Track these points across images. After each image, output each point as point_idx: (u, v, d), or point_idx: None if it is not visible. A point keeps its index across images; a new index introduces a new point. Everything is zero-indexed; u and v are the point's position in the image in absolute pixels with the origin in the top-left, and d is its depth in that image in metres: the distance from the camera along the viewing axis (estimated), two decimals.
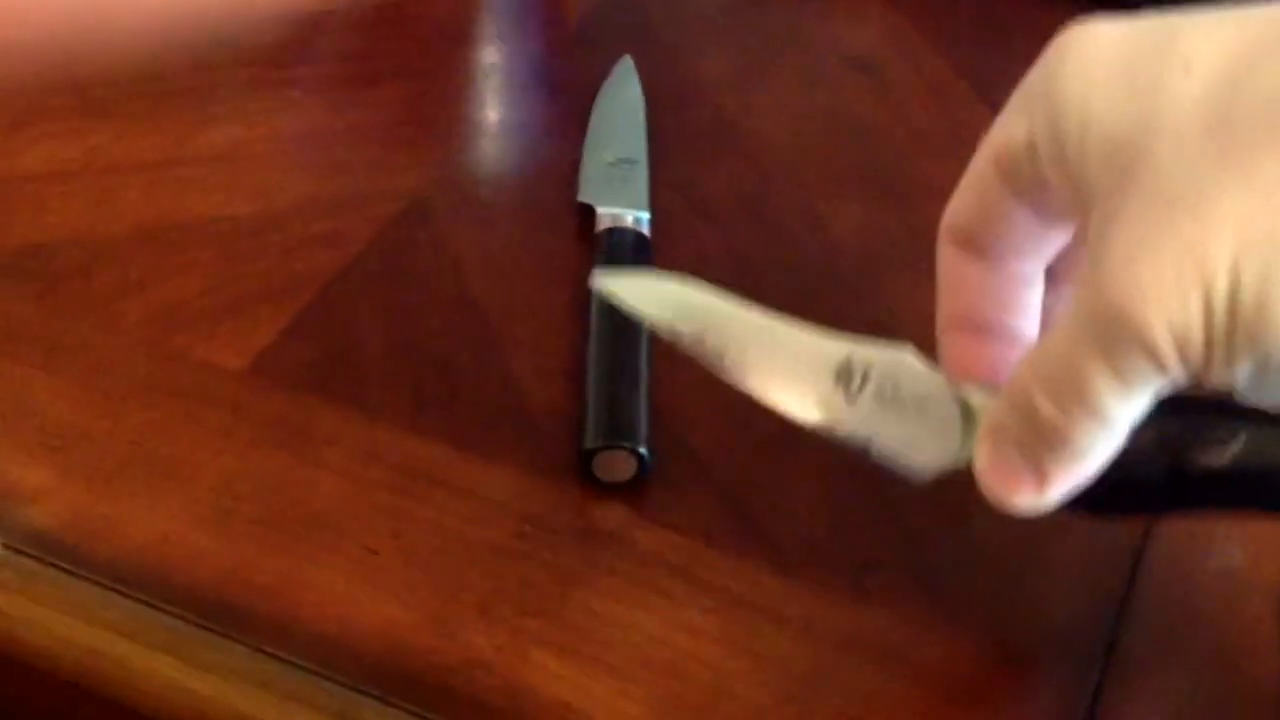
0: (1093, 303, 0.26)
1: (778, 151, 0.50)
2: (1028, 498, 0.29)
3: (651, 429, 0.37)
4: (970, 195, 0.30)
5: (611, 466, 0.36)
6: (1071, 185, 0.27)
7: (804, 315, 0.33)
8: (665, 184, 0.47)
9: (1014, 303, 0.31)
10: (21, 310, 0.40)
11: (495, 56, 0.54)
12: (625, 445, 0.36)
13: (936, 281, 0.32)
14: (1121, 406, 0.27)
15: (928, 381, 0.31)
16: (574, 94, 0.50)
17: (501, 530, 0.35)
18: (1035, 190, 0.29)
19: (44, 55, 0.49)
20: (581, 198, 0.45)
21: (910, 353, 0.32)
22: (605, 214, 0.44)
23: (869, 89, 0.53)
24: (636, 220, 0.44)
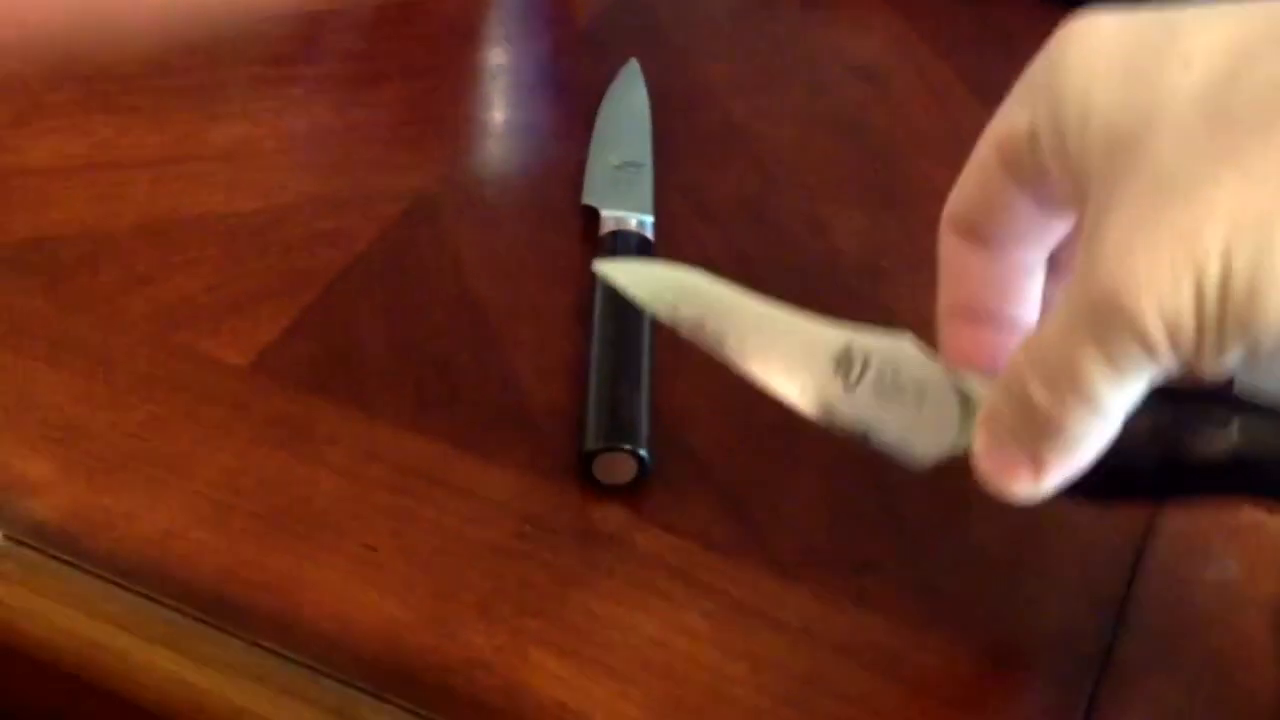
0: (1086, 290, 0.26)
1: (781, 156, 0.50)
2: (1024, 486, 0.29)
3: (652, 431, 0.37)
4: (972, 184, 0.30)
5: (612, 468, 0.36)
6: (1071, 176, 0.27)
7: None
8: (669, 187, 0.47)
9: (1014, 292, 0.31)
10: (26, 304, 0.40)
11: (502, 57, 0.54)
12: (626, 447, 0.36)
13: (938, 270, 0.32)
14: (1114, 393, 0.27)
15: (927, 370, 0.31)
16: (580, 96, 0.50)
17: (501, 530, 0.35)
18: (1036, 180, 0.29)
19: (51, 50, 0.50)
20: (586, 200, 0.45)
21: (909, 341, 0.32)
22: (609, 216, 0.44)
23: (873, 95, 0.54)
24: (640, 223, 0.44)
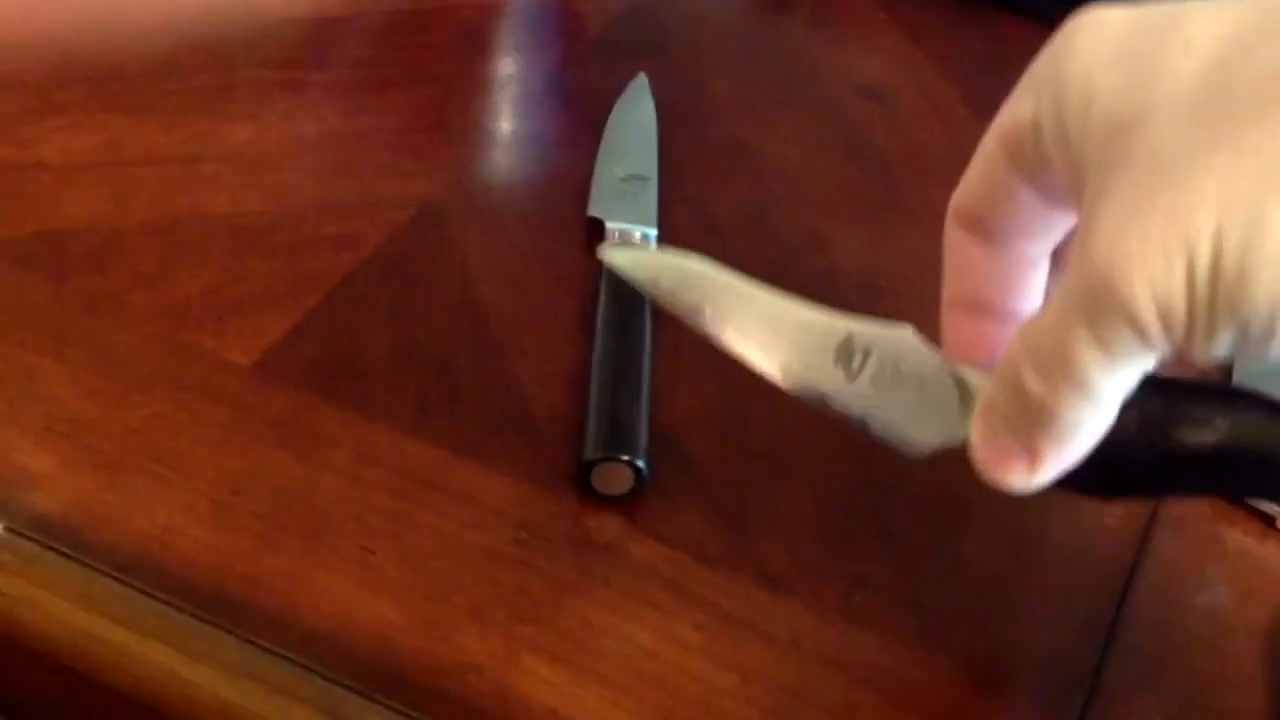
0: (1080, 275, 0.26)
1: (785, 172, 0.50)
2: (1019, 476, 0.29)
3: (650, 442, 0.37)
4: (977, 176, 0.31)
5: (609, 478, 0.37)
6: (1072, 164, 0.27)
7: None
8: (674, 200, 0.47)
9: (1017, 285, 0.31)
10: (34, 298, 0.40)
11: (511, 67, 0.54)
12: (624, 458, 0.36)
13: (943, 262, 0.32)
14: (1107, 380, 0.27)
15: (927, 361, 0.32)
16: (588, 107, 0.51)
17: (498, 536, 0.36)
18: (1039, 170, 0.29)
19: (67, 49, 0.50)
20: (591, 211, 0.46)
21: (911, 333, 0.32)
22: (614, 228, 0.45)
23: (877, 114, 0.54)
24: (644, 236, 0.45)
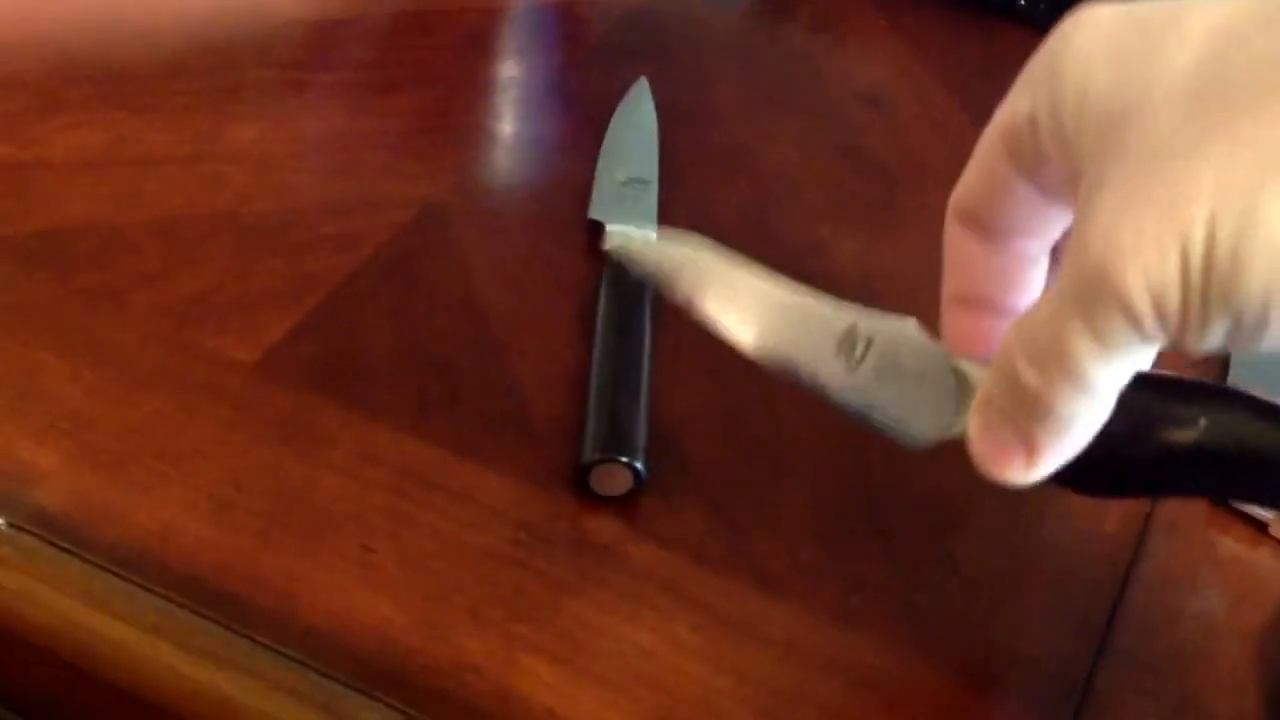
0: (1075, 267, 0.26)
1: (784, 176, 0.51)
2: (1017, 470, 0.29)
3: (648, 444, 0.38)
4: (976, 173, 0.31)
5: (608, 480, 0.37)
6: (1069, 159, 0.27)
7: None
8: (674, 203, 0.47)
9: (1016, 282, 0.32)
10: (38, 294, 0.40)
11: (514, 70, 0.54)
12: (622, 459, 0.37)
13: (943, 259, 0.32)
14: (1103, 371, 0.27)
15: (929, 353, 0.32)
16: (590, 111, 0.51)
17: (497, 536, 0.36)
18: (1037, 166, 0.29)
19: (73, 48, 0.50)
20: (592, 214, 0.46)
21: (913, 325, 0.32)
22: (614, 231, 0.45)
23: (877, 121, 0.54)
24: (645, 237, 0.45)
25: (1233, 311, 0.24)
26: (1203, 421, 0.29)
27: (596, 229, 0.45)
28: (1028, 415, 0.28)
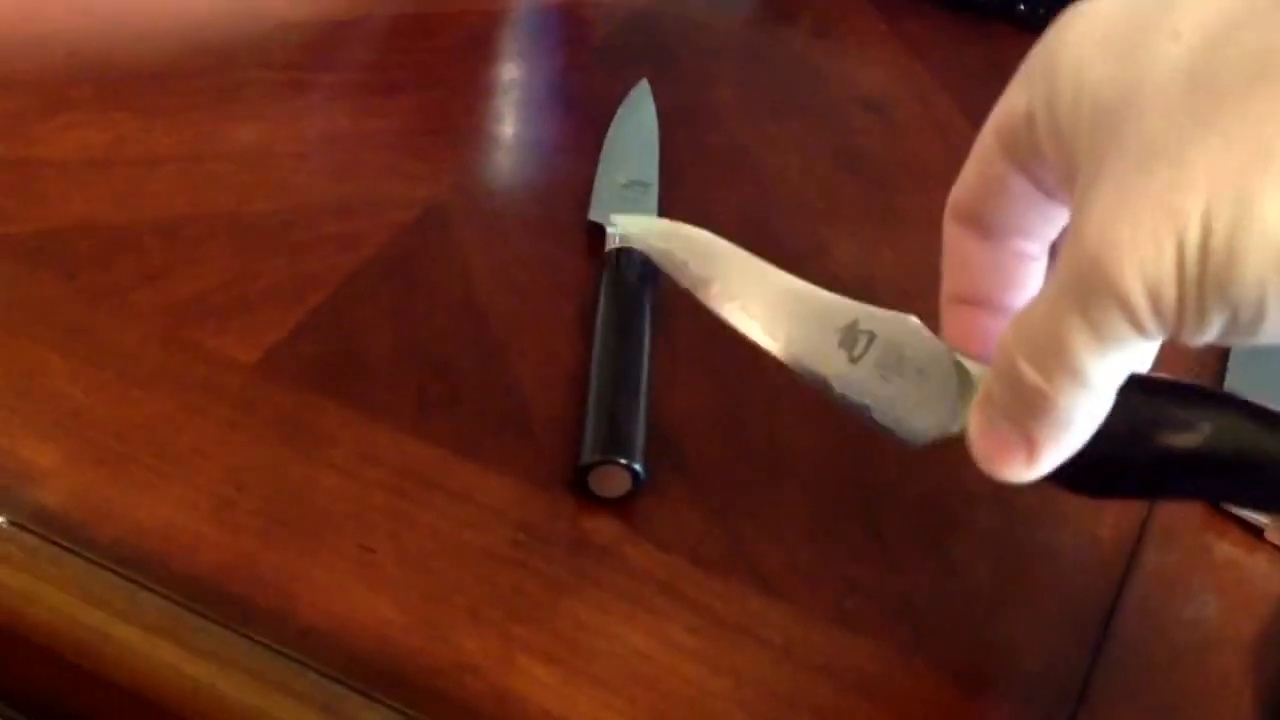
0: (1071, 262, 0.26)
1: (786, 181, 0.51)
2: (1018, 468, 0.29)
3: (647, 446, 0.38)
4: (974, 171, 0.31)
5: (606, 481, 0.37)
6: (1064, 154, 0.27)
7: None
8: (674, 205, 0.47)
9: (1015, 280, 0.32)
10: (42, 293, 0.40)
11: (515, 72, 0.54)
12: (621, 461, 0.37)
13: (942, 258, 0.32)
14: (1100, 366, 0.27)
15: (930, 349, 0.32)
16: (591, 113, 0.51)
17: (496, 537, 0.36)
18: (1033, 162, 0.29)
19: (79, 47, 0.50)
20: (592, 216, 0.46)
21: (915, 321, 0.32)
22: (614, 233, 0.45)
23: (877, 125, 0.54)
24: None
25: (1229, 304, 0.24)
26: (1204, 426, 0.29)
27: (597, 231, 0.46)
28: (1028, 412, 0.28)
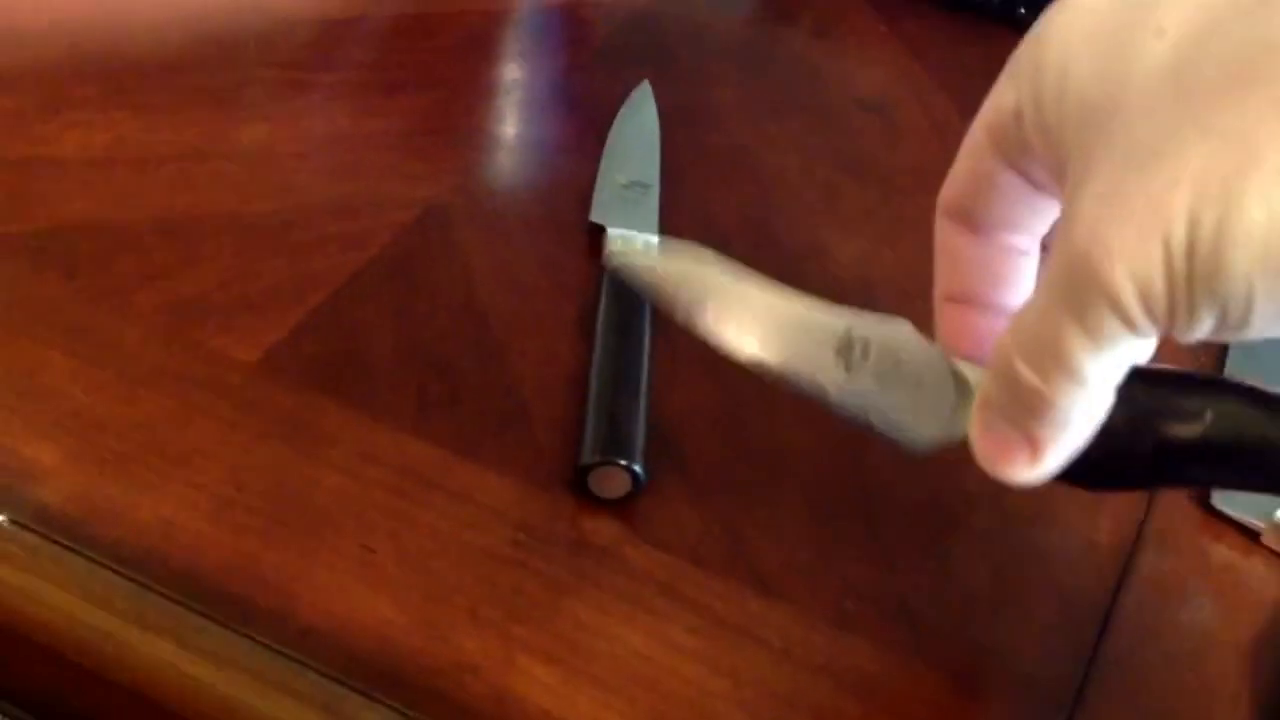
0: (1062, 263, 0.26)
1: (786, 181, 0.51)
2: (1022, 468, 0.29)
3: (647, 447, 0.38)
4: (964, 168, 0.31)
5: (606, 482, 0.37)
6: (1052, 150, 0.28)
7: None
8: (675, 206, 0.48)
9: (1007, 277, 0.32)
10: (43, 292, 0.40)
11: (517, 72, 0.55)
12: (621, 462, 0.37)
13: (934, 257, 0.32)
14: (1095, 366, 0.27)
15: (925, 355, 0.32)
16: (592, 114, 0.51)
17: (496, 537, 0.36)
18: (1022, 157, 0.29)
19: (80, 45, 0.50)
20: (593, 217, 0.46)
21: (908, 327, 0.32)
22: (615, 234, 0.45)
23: (876, 125, 0.55)
24: (645, 243, 0.45)
25: (1218, 301, 0.24)
26: (1206, 414, 0.29)
27: (598, 232, 0.46)
28: (1028, 413, 0.28)
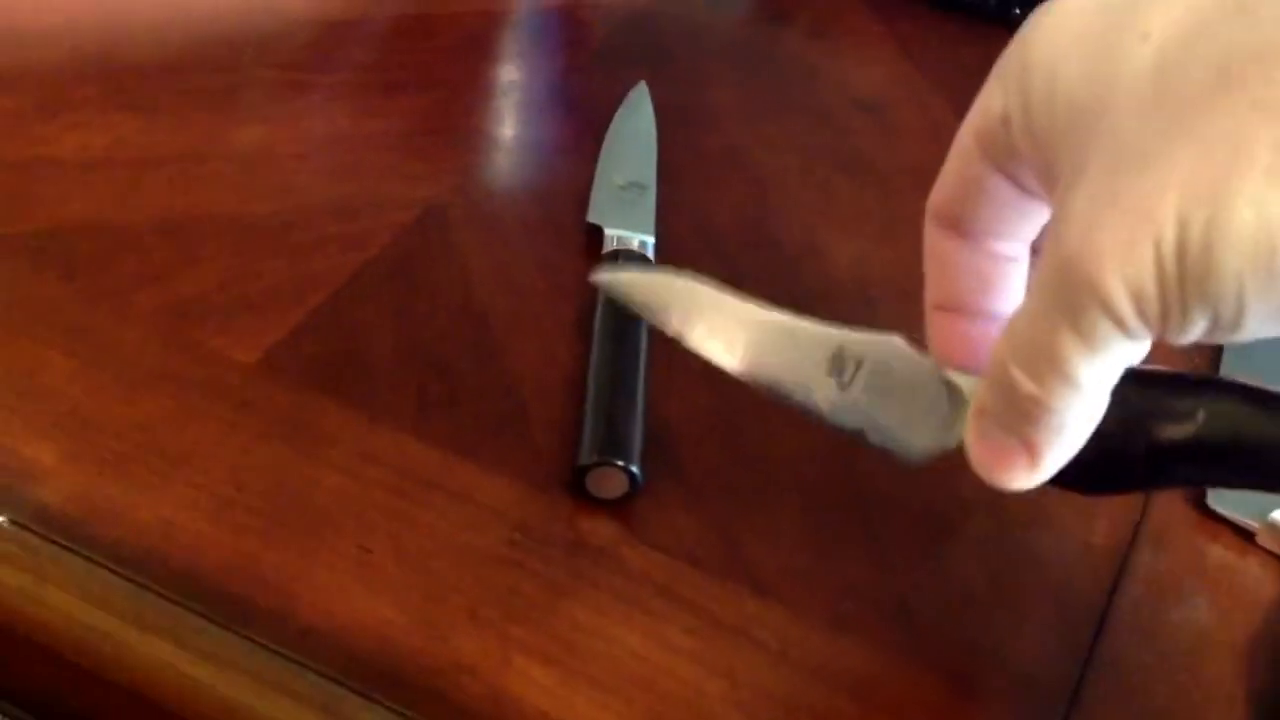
0: (1054, 269, 0.26)
1: (782, 182, 0.51)
2: (1019, 475, 0.29)
3: (645, 448, 0.38)
4: (953, 173, 0.31)
5: (604, 483, 0.37)
6: (1040, 154, 0.28)
7: None
8: (672, 207, 0.48)
9: (997, 283, 0.32)
10: (43, 293, 0.40)
11: (515, 73, 0.55)
12: (618, 463, 0.37)
13: (924, 266, 0.32)
14: (1090, 370, 0.27)
15: (917, 367, 0.32)
16: (589, 114, 0.51)
17: (494, 538, 0.36)
18: (1011, 162, 0.29)
19: (81, 46, 0.50)
20: (590, 218, 0.46)
21: (899, 340, 0.32)
22: (612, 235, 0.45)
23: (873, 126, 0.55)
24: (642, 244, 0.45)
25: (1210, 303, 0.24)
26: (1200, 413, 0.29)
27: (595, 233, 0.46)
28: (1024, 419, 0.28)
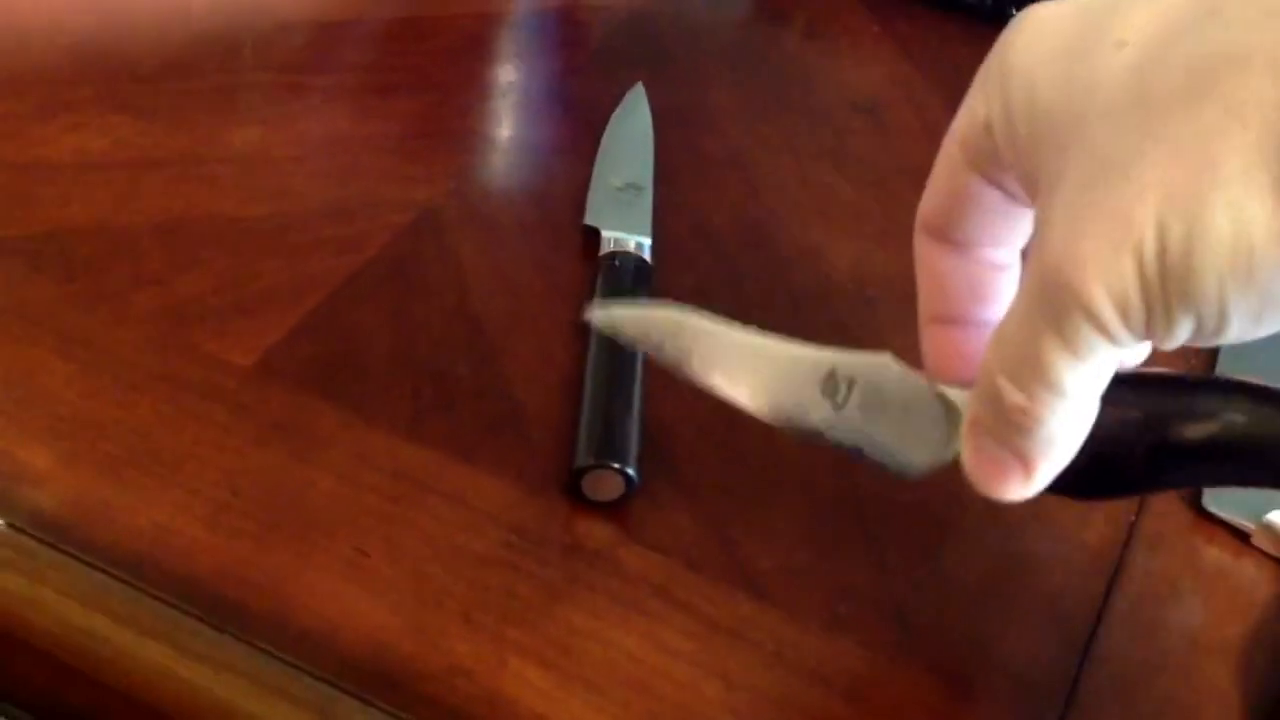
0: (1037, 279, 0.26)
1: (780, 183, 0.51)
2: (1015, 486, 0.29)
3: (641, 450, 0.38)
4: (940, 183, 0.31)
5: (600, 485, 0.37)
6: (1023, 162, 0.28)
7: None
8: (669, 209, 0.48)
9: (989, 292, 0.32)
10: (39, 296, 0.40)
11: (512, 75, 0.55)
12: (615, 465, 0.37)
13: (915, 277, 0.32)
14: (1078, 378, 0.27)
15: (909, 384, 0.32)
16: (586, 116, 0.51)
17: (490, 540, 0.36)
18: (995, 169, 0.29)
19: (77, 48, 0.50)
20: (587, 220, 0.46)
21: (890, 358, 0.32)
22: (609, 237, 0.45)
23: (870, 127, 0.55)
24: (639, 245, 0.45)
25: (1193, 309, 0.25)
26: (1200, 413, 0.29)
27: (592, 234, 0.46)
28: (1015, 430, 0.28)
